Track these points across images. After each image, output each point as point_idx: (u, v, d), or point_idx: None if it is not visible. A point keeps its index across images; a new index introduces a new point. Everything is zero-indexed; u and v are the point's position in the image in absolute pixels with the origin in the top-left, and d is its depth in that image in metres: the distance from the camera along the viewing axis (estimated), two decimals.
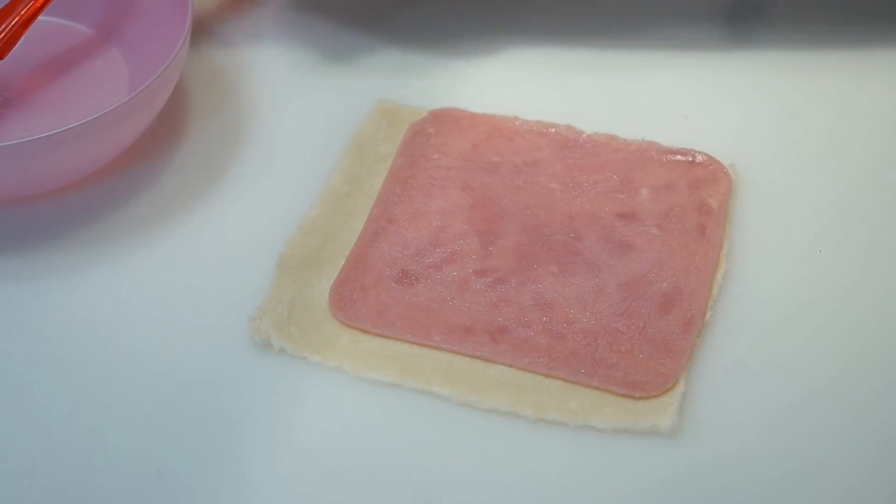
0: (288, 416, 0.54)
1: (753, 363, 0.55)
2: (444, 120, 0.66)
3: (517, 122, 0.66)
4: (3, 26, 0.63)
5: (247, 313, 0.57)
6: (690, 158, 0.64)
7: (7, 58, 0.69)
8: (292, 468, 0.52)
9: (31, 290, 0.59)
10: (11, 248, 0.61)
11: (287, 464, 0.52)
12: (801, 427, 0.53)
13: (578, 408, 0.54)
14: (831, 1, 0.74)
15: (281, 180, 0.64)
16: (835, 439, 0.53)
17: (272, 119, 0.68)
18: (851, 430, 0.53)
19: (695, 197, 0.62)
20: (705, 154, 0.64)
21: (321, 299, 0.58)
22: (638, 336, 0.56)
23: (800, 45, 0.72)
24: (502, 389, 0.54)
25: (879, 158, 0.65)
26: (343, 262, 0.59)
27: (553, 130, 0.66)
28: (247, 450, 0.53)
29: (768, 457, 0.52)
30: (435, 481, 0.52)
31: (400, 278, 0.59)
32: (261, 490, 0.51)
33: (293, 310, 0.57)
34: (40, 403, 0.55)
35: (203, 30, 0.71)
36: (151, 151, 0.65)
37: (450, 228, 0.61)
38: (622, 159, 0.64)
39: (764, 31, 0.73)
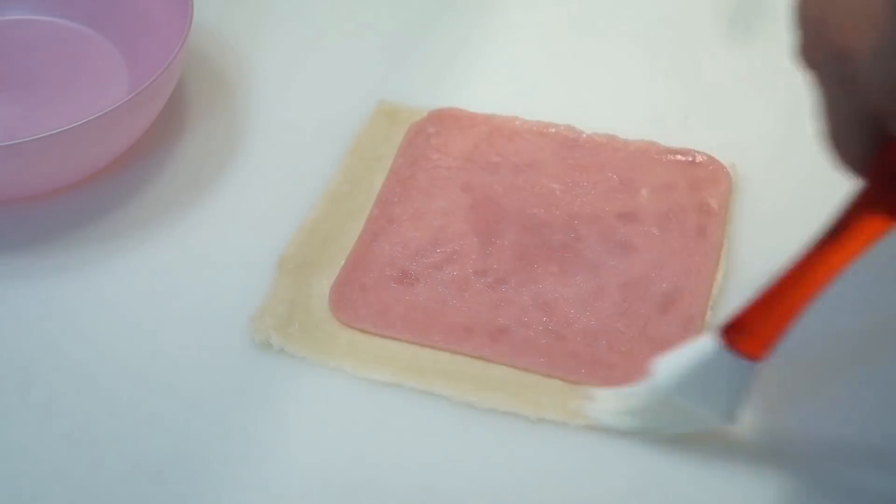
0: (288, 415, 0.54)
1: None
2: (444, 120, 0.66)
3: (517, 122, 0.66)
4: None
5: (247, 313, 0.57)
6: (690, 158, 0.64)
7: (6, 57, 0.69)
8: (292, 468, 0.52)
9: (31, 290, 0.59)
10: (11, 248, 0.61)
11: (287, 463, 0.52)
12: (800, 427, 0.53)
13: (578, 408, 0.53)
14: None
15: (281, 180, 0.64)
16: (835, 439, 0.53)
17: (272, 119, 0.68)
18: (851, 429, 0.53)
19: (695, 197, 0.62)
20: (705, 154, 0.64)
21: (321, 299, 0.58)
22: (638, 336, 0.56)
23: None
24: (502, 389, 0.54)
25: None
26: (343, 262, 0.60)
27: (553, 130, 0.66)
28: (247, 449, 0.53)
29: (769, 457, 0.52)
30: (435, 481, 0.52)
31: (400, 278, 0.59)
32: (261, 489, 0.51)
33: (293, 310, 0.57)
34: (40, 403, 0.55)
35: (203, 29, 0.71)
36: (151, 151, 0.65)
37: (450, 228, 0.61)
38: (622, 159, 0.64)
39: (764, 31, 0.73)
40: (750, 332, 0.48)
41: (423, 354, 0.56)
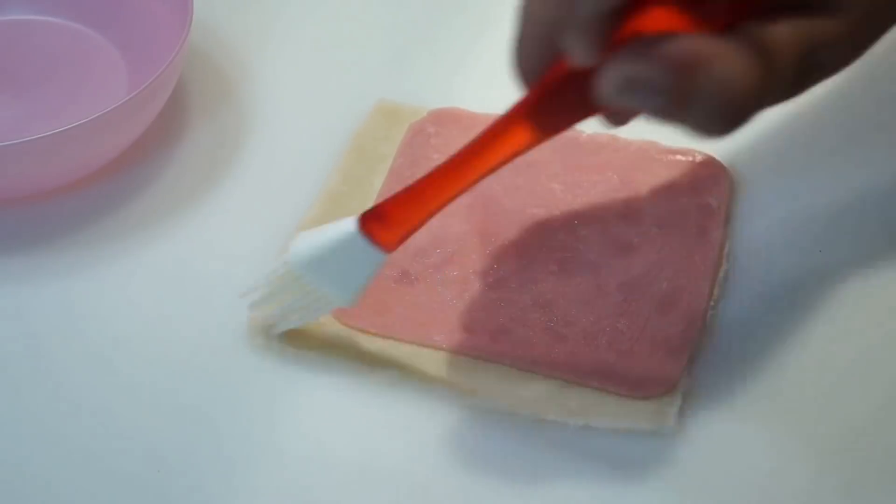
0: (288, 415, 0.54)
1: (754, 363, 0.55)
2: (444, 120, 0.66)
3: None
4: None
5: (247, 313, 0.57)
6: (690, 158, 0.64)
7: (6, 57, 0.69)
8: (292, 468, 0.52)
9: (31, 290, 0.59)
10: (11, 248, 0.61)
11: (287, 464, 0.52)
12: (801, 427, 0.53)
13: (578, 408, 0.53)
14: None
15: (281, 180, 0.64)
16: (836, 439, 0.53)
17: (272, 119, 0.68)
18: (852, 430, 0.53)
19: (695, 197, 0.62)
20: (705, 154, 0.64)
21: None
22: (638, 336, 0.56)
23: None
24: (502, 389, 0.54)
25: (880, 158, 0.65)
26: None
27: None
28: (246, 449, 0.53)
29: (769, 457, 0.52)
30: (434, 481, 0.52)
31: (400, 278, 0.59)
32: (260, 489, 0.51)
33: None
34: (40, 403, 0.55)
35: (203, 29, 0.71)
36: (151, 151, 0.65)
37: (450, 228, 0.61)
38: (622, 159, 0.64)
39: None
40: (389, 222, 0.51)
41: (423, 354, 0.56)
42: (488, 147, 0.49)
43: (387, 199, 0.51)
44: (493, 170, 0.50)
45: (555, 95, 0.47)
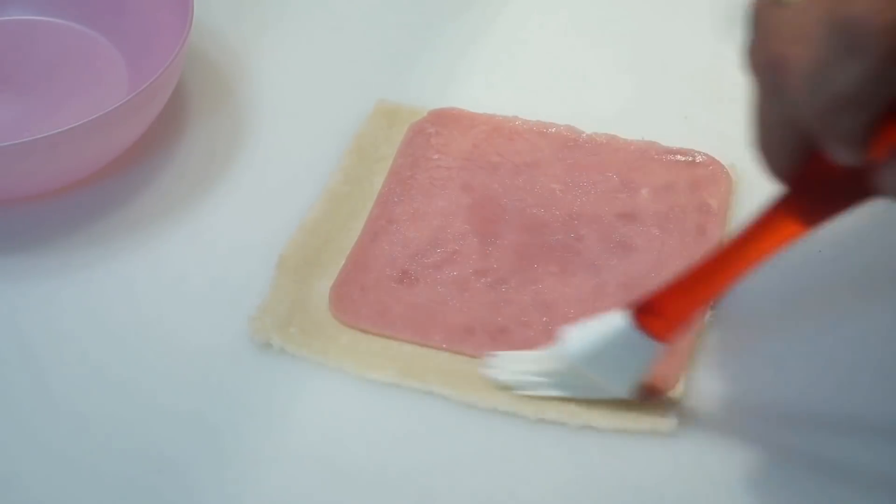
0: (288, 416, 0.54)
1: (753, 363, 0.55)
2: (444, 120, 0.66)
3: (517, 122, 0.66)
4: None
5: (247, 313, 0.57)
6: (690, 158, 0.64)
7: (7, 57, 0.69)
8: (292, 468, 0.52)
9: (31, 290, 0.59)
10: (11, 248, 0.61)
11: (287, 463, 0.52)
12: (801, 427, 0.53)
13: (578, 408, 0.53)
14: None
15: (281, 180, 0.64)
16: (836, 439, 0.53)
17: (272, 119, 0.68)
18: (852, 430, 0.53)
19: (695, 197, 0.62)
20: (705, 154, 0.64)
21: (321, 299, 0.58)
22: None
23: None
24: (502, 389, 0.54)
25: None
26: (343, 262, 0.60)
27: (553, 130, 0.66)
28: (247, 449, 0.53)
29: (768, 457, 0.52)
30: (435, 481, 0.52)
31: (400, 278, 0.59)
32: (261, 489, 0.51)
33: (293, 310, 0.57)
34: (40, 403, 0.55)
35: (203, 30, 0.71)
36: (151, 151, 0.65)
37: (450, 228, 0.61)
38: (622, 159, 0.64)
39: None
40: (660, 314, 0.50)
41: (423, 354, 0.56)
42: (758, 241, 0.48)
43: (658, 294, 0.50)
44: (761, 262, 0.48)
45: (819, 188, 0.46)
